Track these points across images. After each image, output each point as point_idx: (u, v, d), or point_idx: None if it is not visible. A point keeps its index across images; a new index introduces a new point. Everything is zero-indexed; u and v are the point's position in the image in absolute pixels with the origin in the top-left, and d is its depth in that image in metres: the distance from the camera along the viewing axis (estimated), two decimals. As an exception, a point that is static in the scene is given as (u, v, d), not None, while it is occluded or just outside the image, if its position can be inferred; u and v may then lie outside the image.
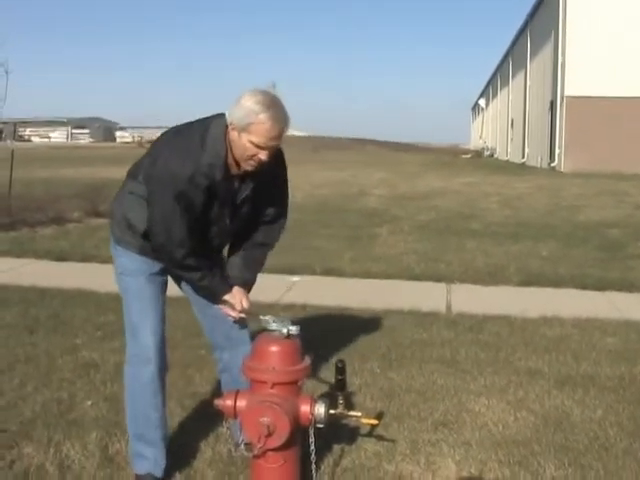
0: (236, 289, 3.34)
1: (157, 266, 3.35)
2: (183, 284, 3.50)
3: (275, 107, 2.97)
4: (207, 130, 3.10)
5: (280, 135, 3.01)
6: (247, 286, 3.44)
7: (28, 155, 36.73)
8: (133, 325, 3.37)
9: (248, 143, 2.98)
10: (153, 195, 3.12)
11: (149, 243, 3.25)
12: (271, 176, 3.28)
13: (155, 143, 3.29)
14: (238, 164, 3.10)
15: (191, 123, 3.21)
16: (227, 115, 3.04)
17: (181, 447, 3.71)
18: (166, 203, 3.06)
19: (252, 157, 3.03)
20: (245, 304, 3.33)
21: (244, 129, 2.97)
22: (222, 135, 3.06)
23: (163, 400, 3.45)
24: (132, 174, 3.36)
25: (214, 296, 3.35)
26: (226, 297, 3.33)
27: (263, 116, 2.93)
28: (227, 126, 3.05)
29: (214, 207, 3.17)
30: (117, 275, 3.47)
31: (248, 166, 3.08)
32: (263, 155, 3.02)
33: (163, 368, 3.41)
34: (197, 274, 3.25)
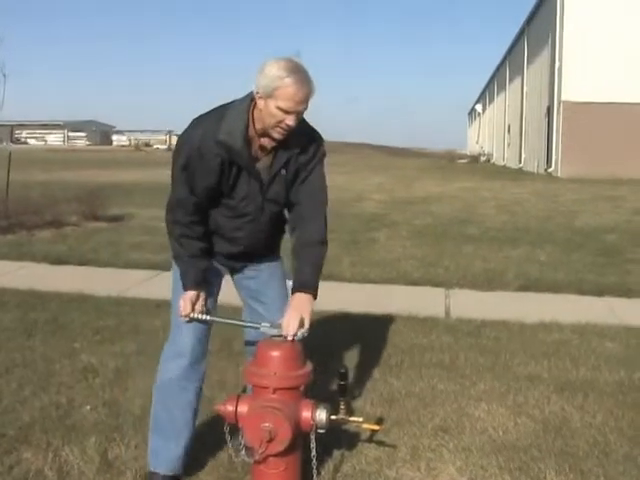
0: (190, 294, 3.28)
1: (216, 266, 3.43)
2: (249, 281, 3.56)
3: (300, 71, 3.00)
4: (228, 107, 3.17)
5: (306, 99, 3.03)
6: (306, 290, 3.24)
7: (25, 158, 36.72)
8: (177, 320, 3.37)
9: (275, 109, 3.00)
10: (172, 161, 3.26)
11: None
12: (305, 156, 3.27)
13: None
14: (266, 136, 3.12)
15: (219, 106, 3.25)
16: (253, 87, 3.06)
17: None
18: (176, 164, 3.21)
19: (279, 123, 3.04)
20: (183, 310, 3.26)
21: (270, 95, 2.99)
22: (245, 108, 3.11)
23: (191, 403, 3.42)
24: None
25: (181, 274, 3.33)
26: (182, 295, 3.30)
27: (288, 80, 2.95)
28: (252, 100, 3.09)
29: (242, 180, 3.21)
30: (173, 270, 3.47)
31: (276, 133, 3.09)
32: (290, 120, 3.03)
33: (194, 370, 3.40)
34: (176, 248, 3.30)
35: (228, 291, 3.64)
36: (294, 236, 3.36)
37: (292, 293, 3.26)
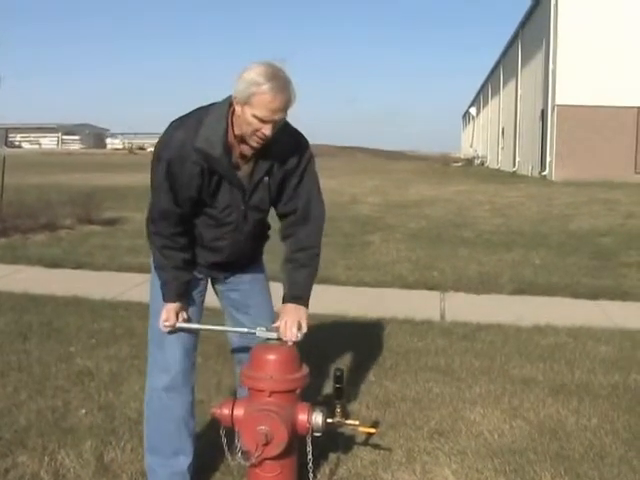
0: (173, 305, 3.19)
1: (197, 276, 3.31)
2: (230, 293, 3.46)
3: (278, 78, 2.84)
4: (207, 110, 3.04)
5: (283, 108, 2.88)
6: (299, 302, 3.24)
7: (19, 161, 36.67)
8: (160, 335, 3.25)
9: (251, 117, 2.86)
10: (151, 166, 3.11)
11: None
12: (290, 162, 3.16)
13: None
14: (243, 143, 2.99)
15: (194, 111, 3.12)
16: (233, 91, 2.93)
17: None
18: (157, 172, 3.05)
19: (256, 132, 2.91)
20: (167, 321, 3.17)
21: (246, 102, 2.85)
22: (223, 113, 2.98)
23: (184, 418, 3.32)
24: None
25: (162, 286, 3.21)
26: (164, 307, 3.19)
27: (265, 87, 2.81)
28: (231, 104, 2.96)
29: (223, 190, 3.08)
30: (151, 283, 3.35)
31: (253, 142, 2.95)
32: (267, 130, 2.89)
33: (185, 381, 3.30)
34: (158, 259, 3.19)
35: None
36: (287, 243, 3.30)
37: (284, 302, 3.23)
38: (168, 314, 3.18)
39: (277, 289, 3.41)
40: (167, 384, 3.25)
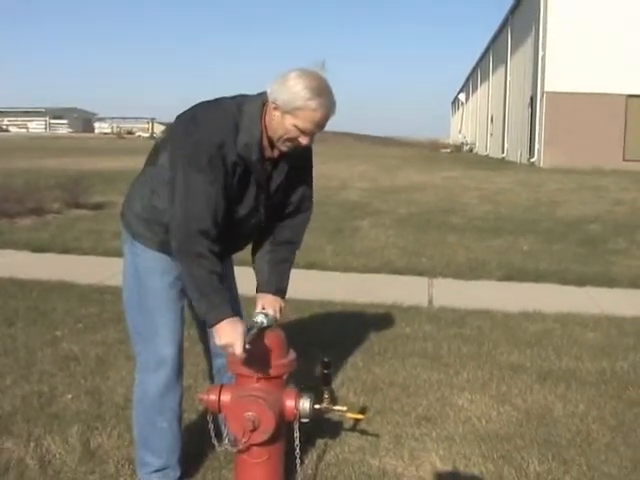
0: (238, 323, 2.80)
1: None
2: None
3: (326, 94, 2.79)
4: (241, 109, 2.88)
5: (326, 122, 2.86)
6: (279, 294, 3.17)
7: (6, 145, 36.45)
8: (148, 329, 3.16)
9: (291, 126, 2.80)
10: (176, 164, 2.83)
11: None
12: (301, 161, 3.12)
13: (180, 118, 2.99)
14: (272, 146, 2.92)
15: (220, 100, 2.98)
16: (269, 92, 2.84)
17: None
18: (190, 172, 2.79)
19: (292, 140, 2.85)
20: (241, 347, 2.73)
21: (289, 112, 2.78)
22: (258, 116, 2.87)
23: (177, 412, 3.28)
24: (151, 161, 3.13)
25: (209, 310, 2.82)
26: (223, 326, 2.78)
27: (313, 103, 2.75)
28: (263, 104, 2.87)
29: (250, 194, 2.97)
30: (130, 274, 3.20)
31: (284, 147, 2.89)
32: (304, 140, 2.85)
33: (178, 378, 3.26)
34: (204, 271, 2.80)
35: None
36: (268, 233, 3.22)
37: (263, 291, 3.16)
38: (239, 333, 2.76)
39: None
40: (163, 381, 3.20)
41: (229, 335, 2.75)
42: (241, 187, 2.93)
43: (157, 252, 3.11)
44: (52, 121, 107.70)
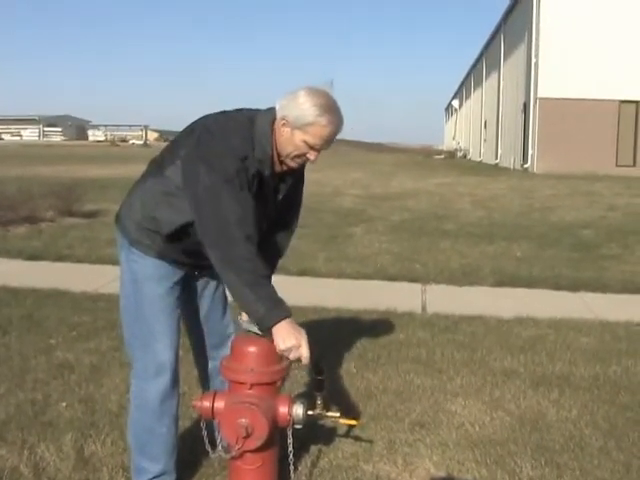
0: (297, 326, 2.86)
1: (177, 274, 3.16)
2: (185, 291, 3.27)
3: (334, 111, 2.89)
4: (253, 124, 2.95)
5: (334, 137, 2.93)
6: None
7: (0, 153, 36.38)
8: (146, 336, 3.15)
9: (301, 142, 2.88)
10: (195, 173, 2.84)
11: (171, 245, 3.07)
12: (299, 174, 3.21)
13: (193, 128, 3.04)
14: (280, 161, 2.99)
15: (228, 113, 3.04)
16: (278, 108, 2.91)
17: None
18: (217, 181, 2.79)
19: (300, 156, 2.94)
20: (307, 350, 2.83)
21: (299, 128, 2.86)
22: (269, 131, 2.93)
23: (174, 417, 3.28)
24: (154, 171, 3.12)
25: (268, 311, 2.82)
26: (285, 327, 2.83)
27: (323, 119, 2.84)
28: (273, 121, 2.93)
29: (260, 207, 2.98)
30: (128, 281, 3.18)
31: (293, 163, 2.97)
32: (312, 155, 2.94)
33: (176, 384, 3.25)
34: (255, 275, 2.80)
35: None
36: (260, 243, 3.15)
37: None
38: (303, 333, 2.87)
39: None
40: (161, 388, 3.19)
41: (293, 336, 2.80)
42: (255, 200, 2.95)
43: (155, 259, 3.12)
44: (46, 129, 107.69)
